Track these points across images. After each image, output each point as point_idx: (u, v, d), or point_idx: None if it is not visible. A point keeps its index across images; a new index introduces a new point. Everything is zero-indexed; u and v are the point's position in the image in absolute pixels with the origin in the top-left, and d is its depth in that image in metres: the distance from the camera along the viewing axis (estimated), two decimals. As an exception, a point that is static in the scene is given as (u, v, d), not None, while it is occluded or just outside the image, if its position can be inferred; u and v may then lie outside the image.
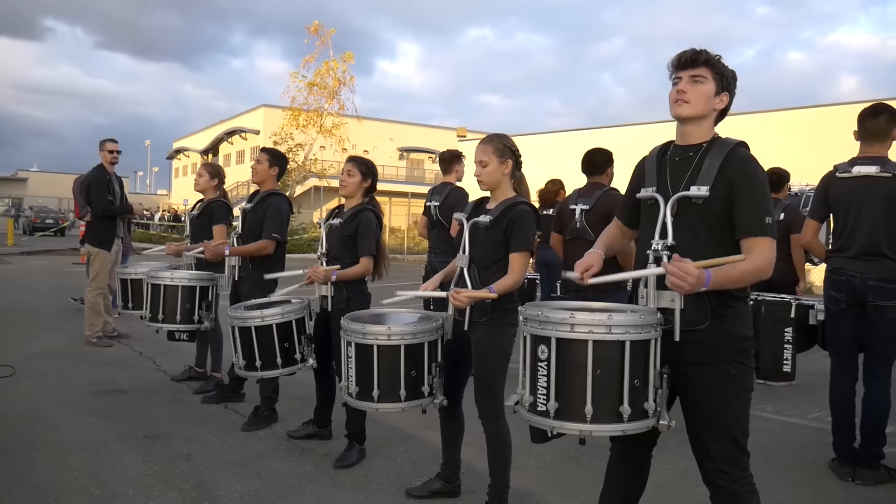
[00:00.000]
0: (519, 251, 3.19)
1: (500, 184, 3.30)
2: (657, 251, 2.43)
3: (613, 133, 23.23)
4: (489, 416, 3.25)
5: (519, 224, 3.19)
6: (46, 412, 4.84)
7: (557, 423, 2.30)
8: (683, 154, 2.50)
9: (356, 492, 3.65)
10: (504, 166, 3.27)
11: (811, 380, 5.81)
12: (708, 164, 2.40)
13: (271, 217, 4.77)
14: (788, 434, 4.75)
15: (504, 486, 3.28)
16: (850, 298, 3.88)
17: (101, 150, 7.43)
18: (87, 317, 7.27)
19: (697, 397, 2.40)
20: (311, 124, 26.68)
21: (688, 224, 2.42)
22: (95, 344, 7.10)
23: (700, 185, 2.38)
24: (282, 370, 4.09)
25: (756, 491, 2.46)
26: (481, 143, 3.30)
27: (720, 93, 2.46)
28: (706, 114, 2.46)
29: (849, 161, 3.97)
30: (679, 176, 2.47)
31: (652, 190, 2.53)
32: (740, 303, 2.42)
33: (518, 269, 3.18)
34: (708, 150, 2.44)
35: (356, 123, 26.89)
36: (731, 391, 2.38)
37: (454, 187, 6.12)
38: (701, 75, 2.43)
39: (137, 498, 3.48)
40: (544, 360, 2.32)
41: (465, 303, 3.10)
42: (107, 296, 7.39)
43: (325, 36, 26.16)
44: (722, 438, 2.39)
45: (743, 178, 2.35)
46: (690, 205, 2.41)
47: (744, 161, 2.39)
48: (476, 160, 3.27)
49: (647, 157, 2.67)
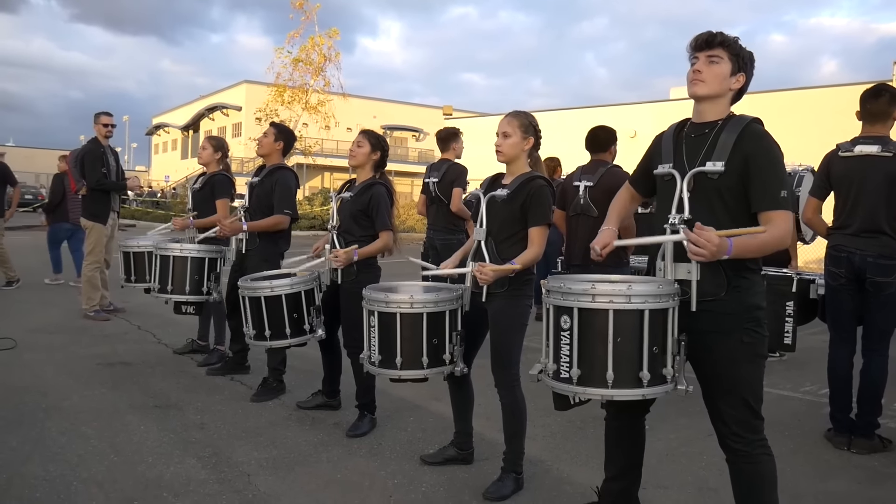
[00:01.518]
0: (538, 225, 3.27)
1: (518, 158, 3.37)
2: (674, 225, 2.52)
3: (595, 113, 23.26)
4: (506, 385, 3.34)
5: (537, 198, 3.27)
6: (55, 383, 4.87)
7: (580, 388, 2.41)
8: (699, 131, 2.59)
9: (371, 458, 3.74)
10: (525, 142, 3.34)
11: (802, 355, 5.95)
12: (723, 140, 2.49)
13: (281, 193, 4.80)
14: (783, 406, 4.90)
15: (519, 453, 3.38)
16: (849, 274, 4.00)
17: (96, 124, 7.38)
18: (84, 290, 7.27)
19: (712, 364, 2.50)
20: (297, 101, 26.48)
21: (704, 199, 2.50)
22: (93, 318, 7.11)
23: (715, 160, 2.47)
24: (291, 340, 4.16)
25: (771, 454, 2.57)
26: (507, 115, 3.37)
27: (736, 73, 2.54)
28: (721, 93, 2.55)
29: (851, 140, 4.08)
30: (695, 152, 2.56)
31: (668, 166, 2.62)
32: (754, 274, 2.52)
33: (538, 243, 3.27)
34: (723, 126, 2.52)
35: (341, 101, 26.72)
36: (743, 358, 2.48)
37: (452, 163, 6.16)
38: (717, 56, 2.52)
39: (157, 464, 3.55)
40: (567, 329, 2.42)
41: (490, 277, 3.17)
42: (104, 269, 7.39)
43: (310, 11, 25.89)
44: (736, 403, 2.50)
45: (758, 152, 2.43)
46: (706, 180, 2.50)
47: (758, 136, 2.47)
48: (499, 131, 3.34)
49: (663, 133, 2.75)
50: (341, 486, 3.40)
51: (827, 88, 18.89)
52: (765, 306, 2.55)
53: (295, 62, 26.18)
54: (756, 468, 2.54)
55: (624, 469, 2.86)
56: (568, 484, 3.49)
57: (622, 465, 2.86)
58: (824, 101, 17.15)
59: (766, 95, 19.03)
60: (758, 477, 2.55)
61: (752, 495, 2.57)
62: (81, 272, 7.34)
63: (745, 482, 2.57)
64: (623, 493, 2.87)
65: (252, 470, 3.53)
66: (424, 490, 3.37)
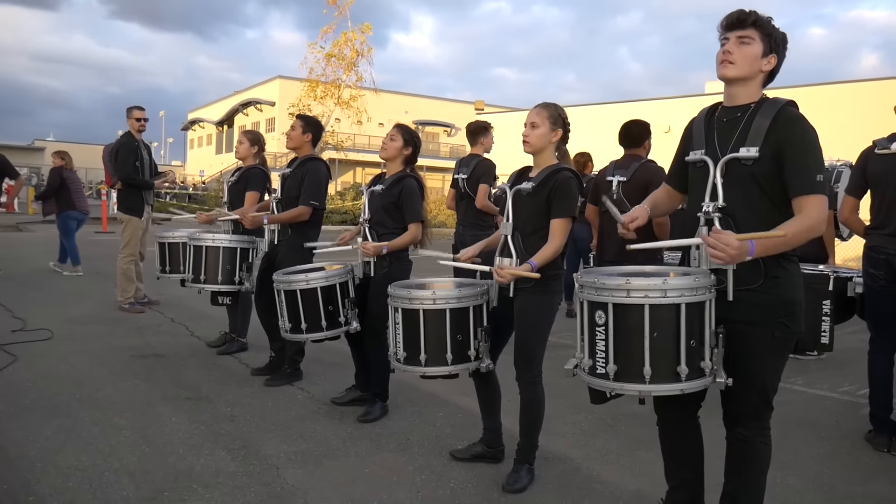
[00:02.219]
0: (560, 217, 3.21)
1: (545, 150, 3.33)
2: (708, 213, 2.46)
3: (629, 108, 23.04)
4: (528, 380, 3.32)
5: (562, 189, 3.21)
6: (89, 374, 4.94)
7: (617, 384, 2.37)
8: (731, 115, 2.51)
9: (399, 453, 3.73)
10: (553, 134, 3.30)
11: (840, 355, 5.80)
12: (757, 124, 2.41)
13: (309, 183, 4.81)
14: (820, 406, 4.79)
15: (534, 446, 3.39)
16: (888, 276, 3.88)
17: (129, 118, 7.48)
18: (119, 283, 7.37)
19: (738, 353, 2.42)
20: (329, 96, 26.58)
21: (738, 185, 2.43)
22: (127, 310, 7.21)
23: (749, 146, 2.39)
24: (327, 332, 4.17)
25: (769, 444, 2.56)
26: (537, 106, 3.33)
27: (768, 54, 2.45)
28: (752, 75, 2.46)
29: (888, 137, 3.95)
30: (727, 137, 2.49)
31: (701, 152, 2.55)
32: (792, 265, 2.45)
33: (559, 236, 3.21)
34: (756, 110, 2.44)
35: (373, 96, 26.77)
36: (771, 352, 2.45)
37: (482, 159, 6.14)
38: (748, 36, 2.43)
39: (188, 456, 3.57)
40: (602, 324, 2.38)
41: (507, 279, 3.15)
42: (138, 262, 7.49)
43: (343, 6, 25.94)
44: (751, 392, 2.48)
45: (793, 137, 2.36)
46: (740, 166, 2.43)
47: (794, 120, 2.39)
48: (528, 122, 3.29)
49: (695, 119, 2.68)
50: (369, 480, 3.39)
51: (867, 83, 18.44)
52: (802, 300, 2.47)
53: (328, 57, 26.25)
54: (751, 453, 2.54)
55: (686, 479, 2.75)
56: (598, 482, 3.44)
57: (684, 474, 2.75)
58: (864, 96, 16.76)
59: (805, 90, 18.66)
60: (747, 461, 2.55)
61: (740, 475, 2.58)
62: (118, 264, 7.43)
63: (736, 462, 2.58)
64: (693, 499, 2.76)
65: (281, 463, 3.54)
66: (453, 486, 3.35)
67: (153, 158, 7.78)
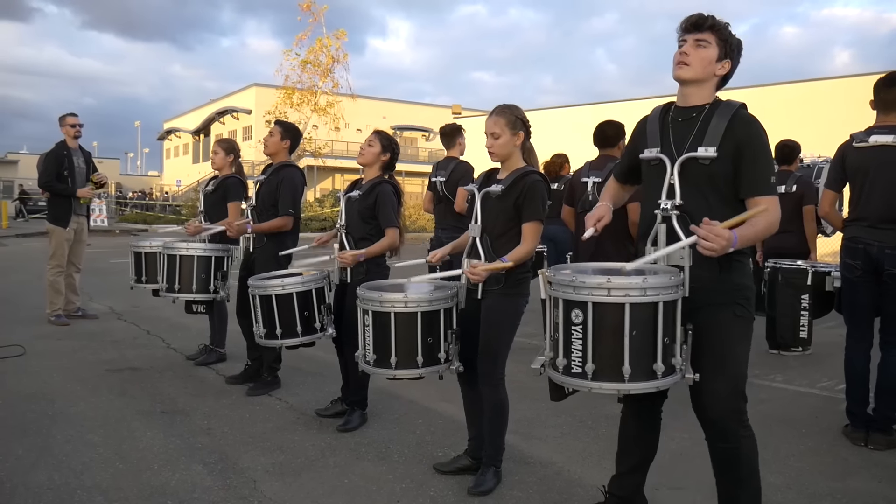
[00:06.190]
0: (531, 221, 3.22)
1: (512, 155, 3.33)
2: (666, 211, 2.52)
3: (605, 109, 23.12)
4: (491, 383, 3.32)
5: (530, 194, 3.22)
6: (62, 390, 4.84)
7: (595, 384, 2.36)
8: (686, 115, 2.58)
9: (379, 463, 3.68)
10: (516, 138, 3.29)
11: (818, 350, 5.86)
12: (714, 125, 2.47)
13: (285, 192, 4.76)
14: (800, 403, 4.80)
15: (500, 448, 3.40)
16: (865, 266, 3.91)
17: (63, 126, 7.31)
18: (47, 295, 7.21)
19: (710, 339, 2.46)
20: (306, 103, 26.51)
21: (694, 184, 2.50)
22: (54, 322, 7.06)
23: (707, 145, 2.45)
24: (301, 338, 4.13)
25: (752, 435, 2.55)
26: (492, 114, 3.30)
27: (723, 59, 2.53)
28: (706, 78, 2.54)
29: (865, 130, 3.98)
30: (683, 137, 2.55)
31: (656, 151, 2.60)
32: (744, 257, 2.53)
33: (531, 239, 3.22)
34: (712, 111, 2.51)
35: (350, 101, 26.72)
36: (736, 332, 2.48)
37: (459, 161, 6.13)
38: (705, 40, 2.50)
39: (163, 471, 3.51)
40: (579, 323, 2.36)
41: (482, 276, 3.14)
42: (72, 274, 7.36)
43: (317, 13, 25.91)
44: (725, 383, 2.47)
45: (750, 139, 2.44)
46: (696, 165, 2.49)
47: (749, 122, 2.47)
48: (487, 132, 3.28)
49: (647, 117, 2.74)
50: (348, 491, 3.34)
51: (840, 79, 18.64)
52: (754, 287, 2.58)
53: (303, 64, 26.22)
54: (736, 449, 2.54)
55: (638, 464, 2.84)
56: (579, 486, 3.42)
57: (637, 460, 2.84)
58: (838, 93, 16.93)
59: (780, 87, 18.86)
60: (734, 460, 2.55)
61: (731, 472, 2.58)
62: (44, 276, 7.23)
63: (724, 462, 2.58)
64: (637, 489, 2.86)
65: (258, 476, 3.48)
66: (432, 495, 3.31)
67: (92, 166, 7.48)
